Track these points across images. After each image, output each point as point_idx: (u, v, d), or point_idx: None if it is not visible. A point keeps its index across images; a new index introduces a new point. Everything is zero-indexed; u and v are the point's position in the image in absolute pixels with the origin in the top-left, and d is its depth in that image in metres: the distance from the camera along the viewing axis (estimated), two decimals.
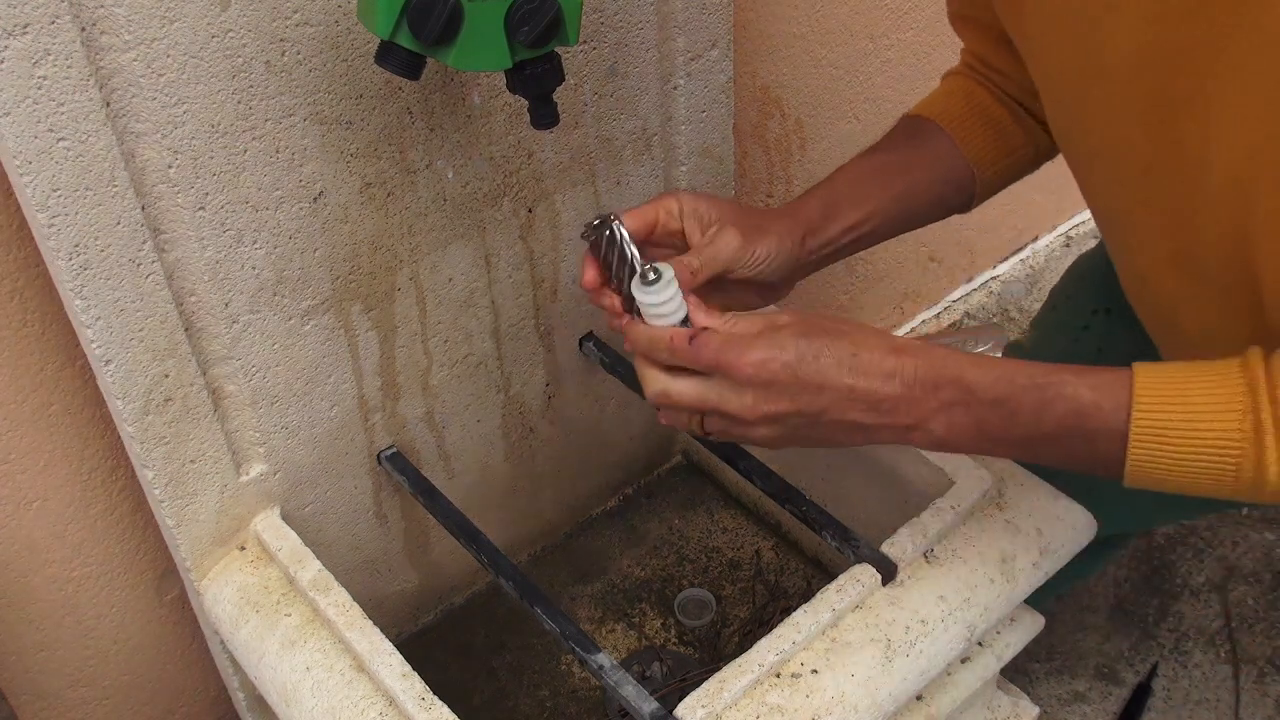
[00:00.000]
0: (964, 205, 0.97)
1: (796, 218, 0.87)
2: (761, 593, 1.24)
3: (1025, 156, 0.96)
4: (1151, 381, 0.68)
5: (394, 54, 0.73)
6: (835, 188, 0.91)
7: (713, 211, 0.84)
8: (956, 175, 0.94)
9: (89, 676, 1.13)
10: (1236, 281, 0.73)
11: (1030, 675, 1.46)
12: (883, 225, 0.91)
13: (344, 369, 0.99)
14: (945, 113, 0.95)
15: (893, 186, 0.91)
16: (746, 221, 0.84)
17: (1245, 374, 0.66)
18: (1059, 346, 1.11)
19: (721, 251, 0.82)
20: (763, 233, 0.84)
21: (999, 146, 0.95)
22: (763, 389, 0.72)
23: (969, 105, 0.95)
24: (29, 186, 0.74)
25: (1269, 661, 1.46)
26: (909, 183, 0.92)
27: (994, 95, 0.95)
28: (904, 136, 0.96)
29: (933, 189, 0.94)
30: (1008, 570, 0.91)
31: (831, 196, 0.90)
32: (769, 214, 0.87)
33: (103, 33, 0.73)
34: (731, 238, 0.82)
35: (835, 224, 0.89)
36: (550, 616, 0.90)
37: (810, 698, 0.82)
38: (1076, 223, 2.07)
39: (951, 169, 0.94)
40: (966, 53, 0.99)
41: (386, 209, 0.94)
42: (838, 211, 0.89)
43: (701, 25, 1.06)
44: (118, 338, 0.82)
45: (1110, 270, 1.03)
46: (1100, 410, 0.69)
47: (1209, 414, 0.67)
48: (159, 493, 0.91)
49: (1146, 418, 0.68)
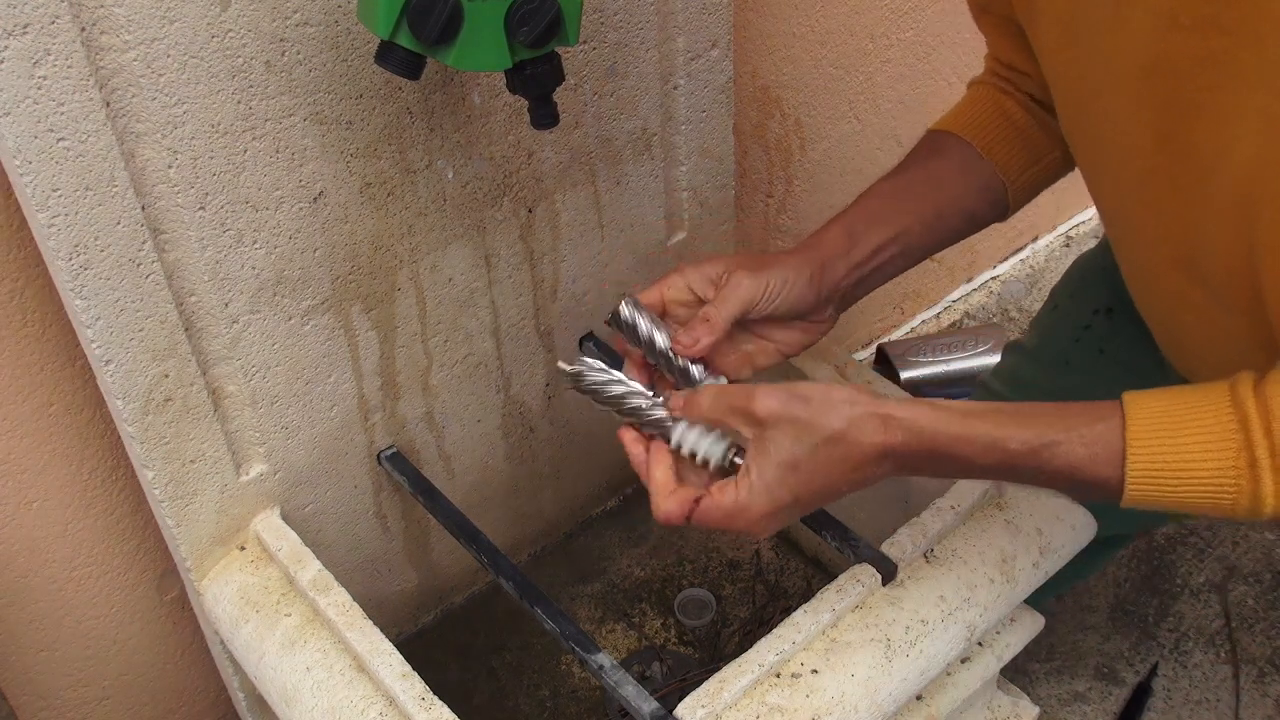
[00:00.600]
0: (1000, 216, 0.96)
1: (814, 248, 0.88)
2: (761, 593, 1.24)
3: (1054, 161, 0.96)
4: (1143, 426, 0.69)
5: (394, 54, 0.73)
6: (858, 212, 0.91)
7: (719, 265, 0.85)
8: (987, 187, 0.94)
9: (89, 676, 1.13)
10: (1240, 288, 0.73)
11: (1030, 675, 1.46)
12: (916, 243, 0.91)
13: (344, 369, 0.99)
14: (970, 124, 0.95)
15: (921, 204, 0.91)
16: (755, 262, 0.86)
17: (1236, 409, 0.67)
18: (1060, 346, 1.11)
19: (734, 293, 0.84)
20: (772, 267, 0.85)
21: (1027, 154, 0.94)
22: (772, 522, 0.77)
23: (994, 114, 0.94)
24: (29, 186, 0.74)
25: (1269, 661, 1.46)
26: (938, 199, 0.92)
27: (1019, 103, 0.94)
28: (928, 153, 0.95)
29: (963, 203, 0.93)
30: (1008, 570, 0.91)
31: (855, 220, 0.90)
32: (783, 252, 0.88)
33: (103, 33, 0.73)
34: (741, 278, 0.84)
35: (861, 247, 0.89)
36: (550, 616, 0.90)
37: (810, 698, 0.82)
38: (1076, 223, 2.07)
39: (981, 181, 0.94)
40: (990, 58, 0.98)
41: (386, 209, 0.94)
42: (863, 234, 0.89)
43: (701, 25, 1.06)
44: (118, 338, 0.82)
45: (1112, 270, 1.03)
46: (1095, 463, 0.70)
47: (1202, 453, 0.67)
48: (159, 493, 0.91)
49: (1141, 463, 0.69)
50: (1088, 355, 1.08)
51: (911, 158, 0.96)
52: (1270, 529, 1.61)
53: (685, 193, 1.15)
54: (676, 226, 1.18)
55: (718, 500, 0.76)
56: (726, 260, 0.86)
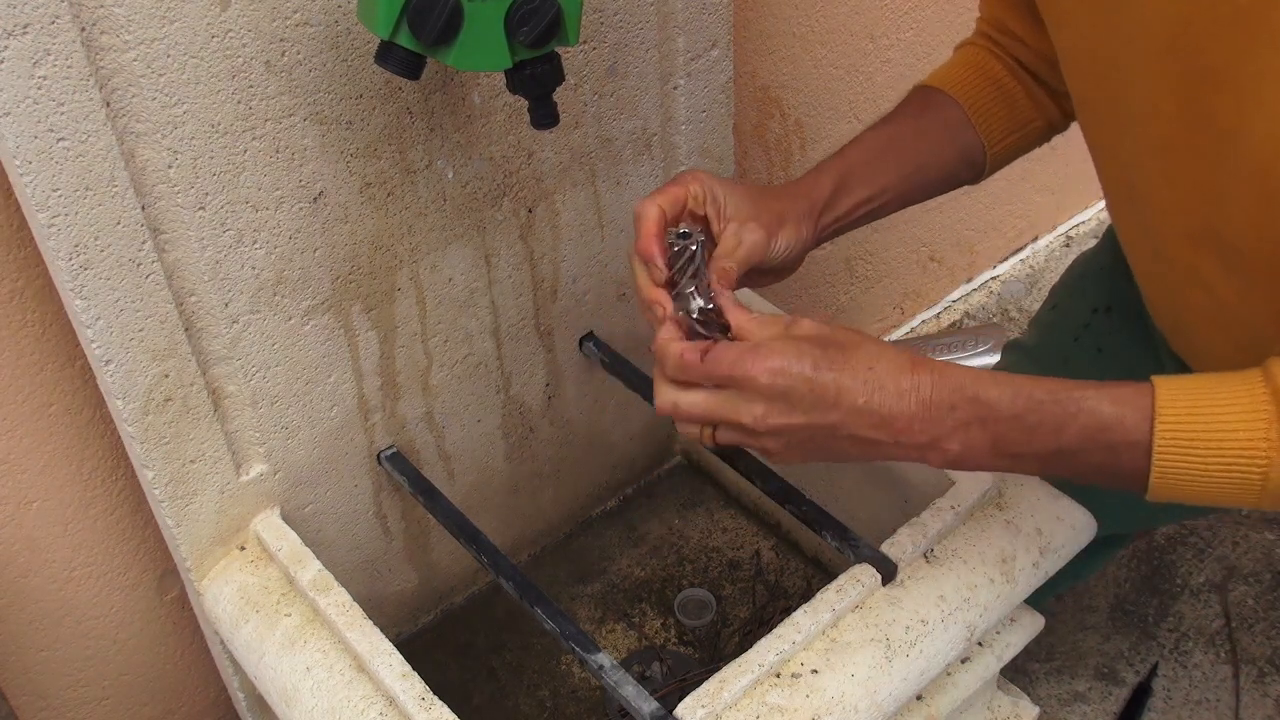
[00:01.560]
0: (974, 178, 0.96)
1: (811, 199, 0.87)
2: (761, 593, 1.24)
3: (1036, 130, 0.95)
4: (1174, 394, 0.68)
5: (394, 54, 0.73)
6: (848, 163, 0.90)
7: (730, 199, 0.83)
8: (968, 148, 0.93)
9: (89, 676, 1.13)
10: (1262, 258, 0.72)
11: (1030, 675, 1.46)
12: (894, 200, 0.91)
13: (344, 369, 0.99)
14: (959, 84, 0.94)
15: (905, 161, 0.91)
16: (766, 213, 0.84)
17: (1269, 383, 0.66)
18: (1059, 345, 1.11)
19: (751, 252, 0.81)
20: (781, 223, 0.84)
21: (1011, 120, 0.94)
22: (776, 400, 0.72)
23: (982, 77, 0.94)
24: (29, 186, 0.74)
25: (1269, 661, 1.46)
26: (921, 157, 0.92)
27: (1007, 68, 0.94)
28: (917, 107, 0.95)
29: (944, 163, 0.93)
30: (1008, 570, 0.91)
31: (844, 172, 0.89)
32: (783, 198, 0.86)
33: (103, 33, 0.73)
34: (757, 236, 0.82)
35: (846, 200, 0.88)
36: (550, 616, 0.90)
37: (810, 698, 0.82)
38: (1076, 223, 2.07)
39: (963, 142, 0.93)
40: (982, 20, 0.97)
41: (386, 209, 0.94)
42: (850, 188, 0.88)
43: (701, 25, 1.06)
44: (118, 338, 0.82)
45: (1111, 269, 1.02)
46: (1123, 423, 0.68)
47: (1234, 423, 0.66)
48: (159, 493, 0.91)
49: (1170, 429, 0.67)
50: (1087, 354, 1.08)
51: (901, 111, 0.95)
52: (1270, 529, 1.61)
53: None
54: None
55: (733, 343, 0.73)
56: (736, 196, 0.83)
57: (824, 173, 0.89)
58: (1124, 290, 0.99)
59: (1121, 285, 0.99)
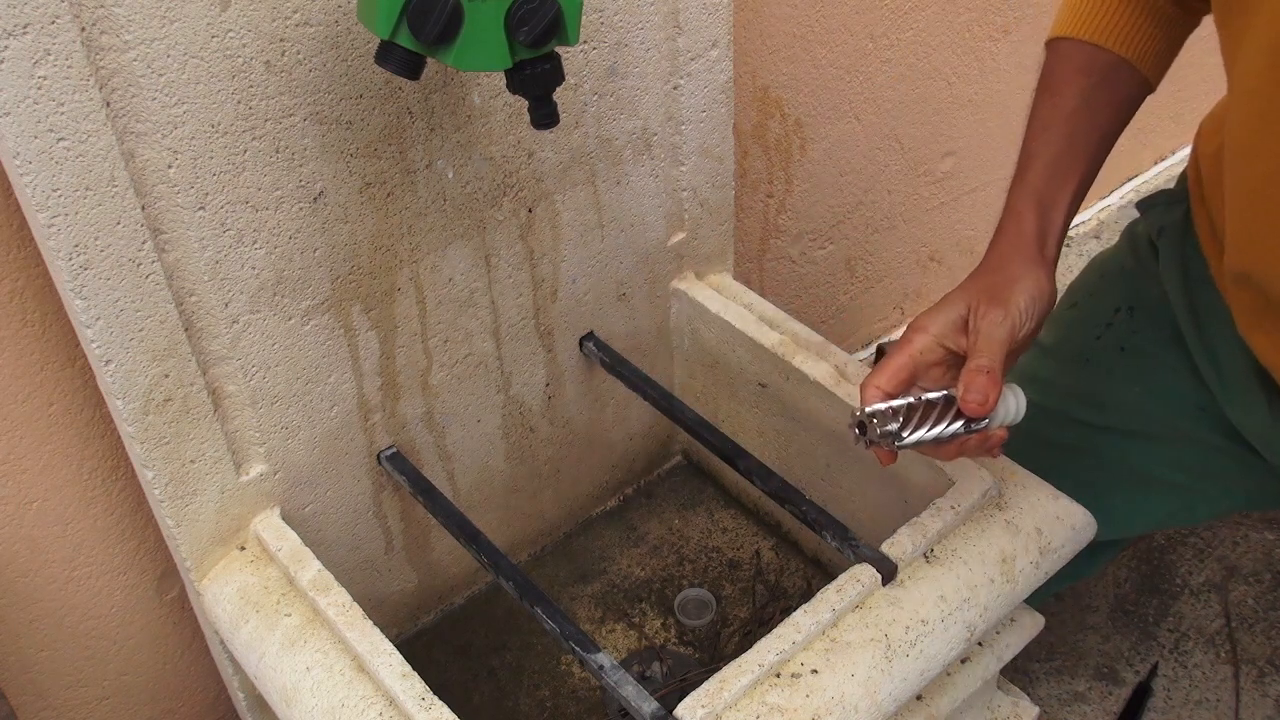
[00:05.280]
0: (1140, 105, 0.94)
1: (1025, 243, 0.85)
2: (761, 593, 1.24)
3: (1183, 37, 0.92)
4: None
5: (394, 54, 0.73)
6: (1038, 184, 0.88)
7: (958, 307, 0.82)
8: (1137, 91, 0.91)
9: (89, 677, 1.13)
10: None
11: (1030, 675, 1.46)
12: (1088, 183, 0.89)
13: (344, 369, 0.99)
14: (1114, 30, 0.90)
15: (1089, 152, 0.89)
16: (993, 292, 0.82)
17: None
18: (1080, 344, 1.10)
19: (994, 334, 0.81)
20: (1012, 292, 0.83)
21: (1170, 47, 0.91)
22: None
23: (1141, 12, 0.90)
24: (29, 186, 0.74)
25: (1269, 661, 1.46)
26: (1098, 131, 0.89)
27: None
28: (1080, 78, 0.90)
29: (1122, 119, 0.91)
30: (1008, 570, 0.91)
31: (1042, 192, 0.87)
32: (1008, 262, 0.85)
33: (103, 33, 0.73)
34: (994, 315, 0.81)
35: (1056, 217, 0.87)
36: (550, 616, 0.90)
37: (810, 698, 0.82)
38: (1077, 223, 2.07)
39: (1135, 90, 0.91)
40: None
41: (386, 209, 0.94)
42: (1053, 203, 0.87)
43: (701, 25, 1.06)
44: (118, 338, 0.82)
45: (1132, 271, 1.01)
46: None
47: None
48: (159, 493, 0.91)
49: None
50: (1109, 352, 1.07)
51: (1065, 87, 0.91)
52: (1270, 529, 1.61)
53: (685, 193, 1.15)
54: (676, 226, 1.18)
55: None
56: (961, 299, 0.83)
57: (1022, 206, 0.87)
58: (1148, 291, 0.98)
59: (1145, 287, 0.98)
